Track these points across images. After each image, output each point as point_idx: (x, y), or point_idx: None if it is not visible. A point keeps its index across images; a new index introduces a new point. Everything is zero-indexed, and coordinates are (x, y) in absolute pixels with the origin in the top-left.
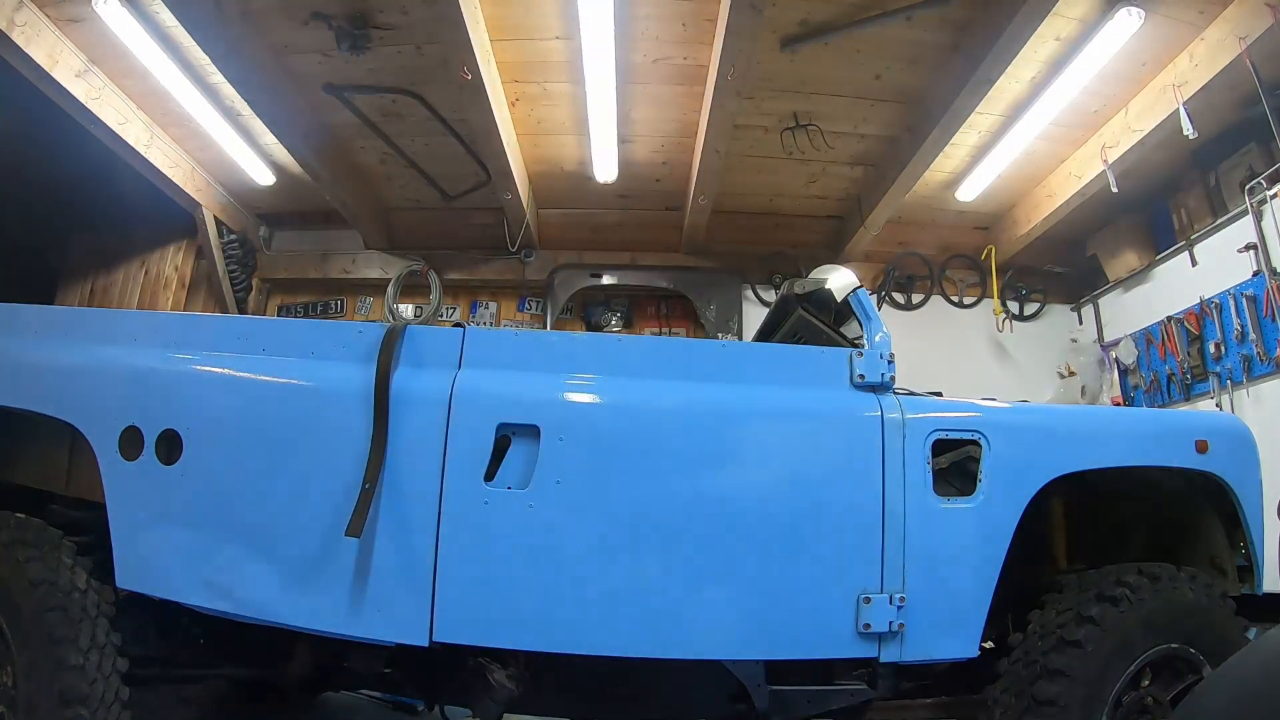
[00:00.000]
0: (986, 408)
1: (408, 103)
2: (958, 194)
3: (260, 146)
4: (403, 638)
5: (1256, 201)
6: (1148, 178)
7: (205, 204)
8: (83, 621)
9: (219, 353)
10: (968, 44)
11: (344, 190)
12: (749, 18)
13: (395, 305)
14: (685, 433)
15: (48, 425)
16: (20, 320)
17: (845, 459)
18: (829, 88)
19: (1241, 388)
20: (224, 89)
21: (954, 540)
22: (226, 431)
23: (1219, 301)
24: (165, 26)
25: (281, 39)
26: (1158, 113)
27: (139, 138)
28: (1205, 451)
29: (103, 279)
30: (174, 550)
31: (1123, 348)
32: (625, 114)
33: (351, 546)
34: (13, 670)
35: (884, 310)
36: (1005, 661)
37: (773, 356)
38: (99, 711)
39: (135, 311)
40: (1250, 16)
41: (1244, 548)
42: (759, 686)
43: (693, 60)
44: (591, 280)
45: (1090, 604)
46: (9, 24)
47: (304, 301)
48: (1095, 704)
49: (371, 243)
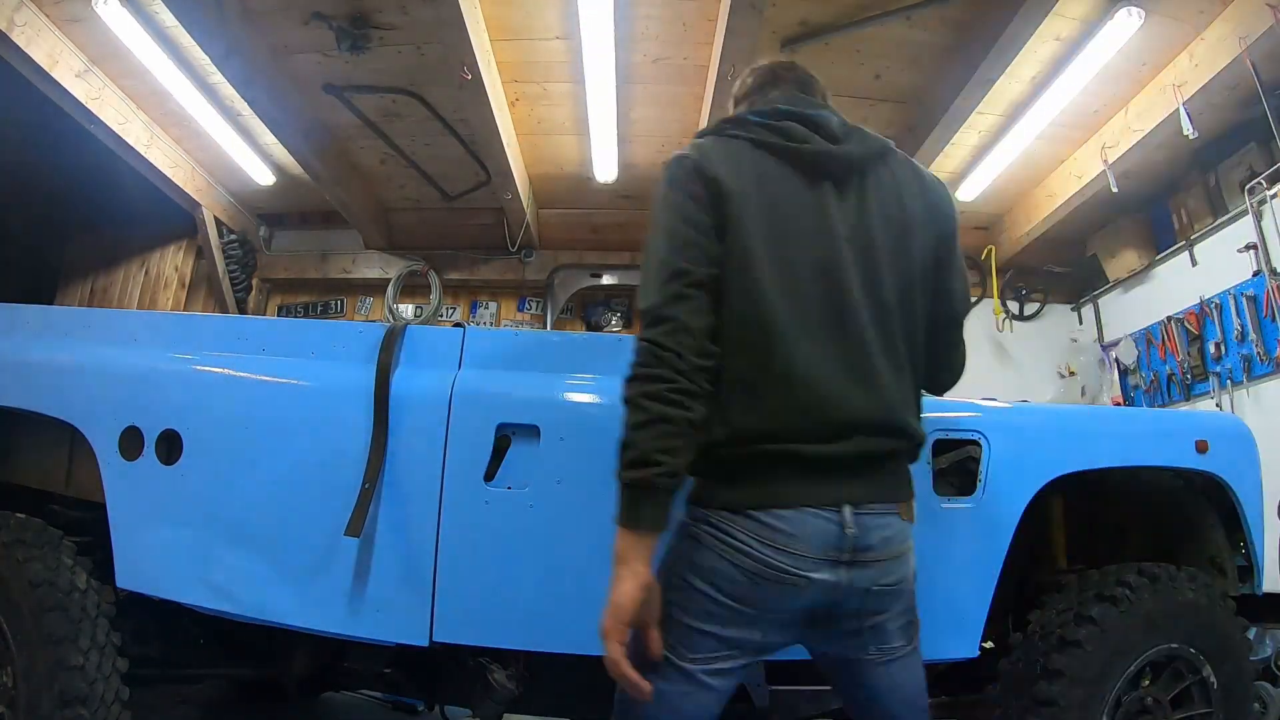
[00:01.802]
0: (987, 408)
1: (408, 103)
2: (958, 194)
3: (260, 146)
4: (403, 638)
5: (1256, 201)
6: (1148, 178)
7: (205, 204)
8: (83, 621)
9: (219, 353)
10: (968, 44)
11: (344, 190)
12: (749, 18)
13: (395, 305)
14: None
15: (48, 425)
16: (20, 320)
17: None
18: (829, 87)
19: (1241, 388)
20: (224, 89)
21: (954, 540)
22: (226, 431)
23: (1219, 301)
24: (165, 26)
25: (281, 39)
26: (1158, 113)
27: (139, 138)
28: (1205, 451)
29: (103, 279)
30: (174, 550)
31: (1123, 348)
32: (625, 114)
33: (351, 546)
34: (13, 670)
35: None
36: (1005, 661)
37: None
38: (99, 711)
39: (135, 311)
40: (1250, 16)
41: (1244, 548)
42: (759, 686)
43: (693, 60)
44: (591, 280)
45: (1090, 604)
46: (9, 24)
47: (304, 301)
48: (1095, 704)
49: (371, 243)
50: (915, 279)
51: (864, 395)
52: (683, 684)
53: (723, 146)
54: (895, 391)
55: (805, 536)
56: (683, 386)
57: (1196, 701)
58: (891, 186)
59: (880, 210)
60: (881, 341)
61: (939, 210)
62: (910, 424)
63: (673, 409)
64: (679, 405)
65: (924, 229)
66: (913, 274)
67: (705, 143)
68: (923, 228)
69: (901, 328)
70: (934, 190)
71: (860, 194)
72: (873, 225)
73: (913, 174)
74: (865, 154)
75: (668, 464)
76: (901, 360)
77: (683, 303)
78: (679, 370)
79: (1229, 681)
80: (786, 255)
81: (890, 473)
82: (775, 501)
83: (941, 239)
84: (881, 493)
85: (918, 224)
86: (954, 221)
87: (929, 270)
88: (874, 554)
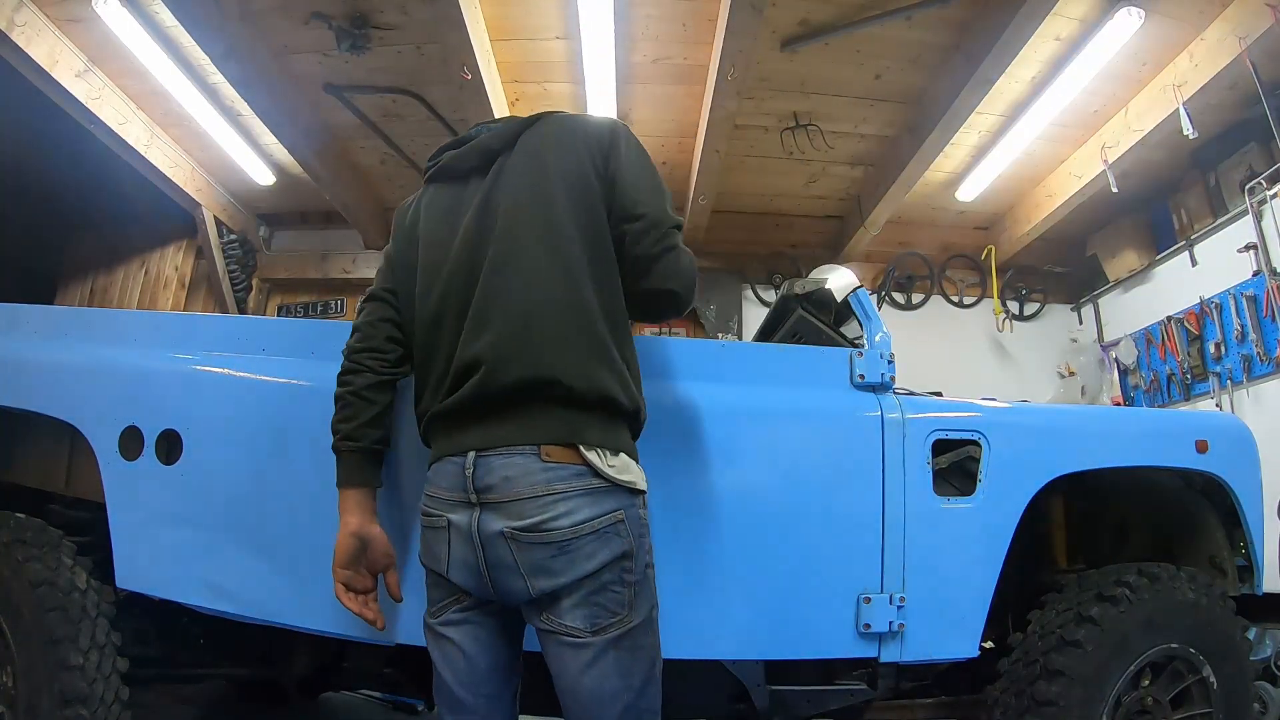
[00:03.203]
0: (986, 408)
1: (408, 103)
2: (958, 194)
3: (260, 146)
4: (403, 638)
5: (1256, 201)
6: (1148, 178)
7: (205, 204)
8: (83, 621)
9: (219, 353)
10: (968, 44)
11: (344, 190)
12: (749, 18)
13: None
14: (684, 432)
15: (48, 425)
16: (20, 320)
17: (845, 459)
18: (829, 88)
19: (1241, 388)
20: (224, 89)
21: (954, 540)
22: (226, 431)
23: (1219, 301)
24: (165, 26)
25: (281, 39)
26: (1158, 113)
27: (139, 138)
28: (1205, 451)
29: (103, 279)
30: (174, 550)
31: (1123, 348)
32: (625, 114)
33: None
34: (13, 670)
35: (884, 310)
36: (1005, 661)
37: (773, 356)
38: (99, 711)
39: (135, 311)
40: (1250, 16)
41: (1244, 548)
42: (759, 686)
43: (693, 60)
44: None
45: (1090, 604)
46: (9, 24)
47: (304, 301)
48: (1095, 704)
49: (371, 243)
50: (562, 219)
51: (463, 351)
52: (432, 641)
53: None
54: (512, 336)
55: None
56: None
57: (1196, 701)
58: (531, 151)
59: (511, 176)
60: (497, 294)
61: (584, 145)
62: (532, 363)
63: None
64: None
65: (566, 172)
66: (556, 217)
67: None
68: (563, 172)
69: (547, 276)
70: (582, 130)
71: (498, 172)
72: (498, 191)
73: (558, 128)
74: (500, 135)
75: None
76: (537, 302)
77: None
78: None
79: (1229, 681)
80: (430, 256)
81: (519, 416)
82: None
83: (594, 169)
84: (507, 436)
85: (554, 171)
86: (604, 144)
87: (588, 204)
88: (495, 494)
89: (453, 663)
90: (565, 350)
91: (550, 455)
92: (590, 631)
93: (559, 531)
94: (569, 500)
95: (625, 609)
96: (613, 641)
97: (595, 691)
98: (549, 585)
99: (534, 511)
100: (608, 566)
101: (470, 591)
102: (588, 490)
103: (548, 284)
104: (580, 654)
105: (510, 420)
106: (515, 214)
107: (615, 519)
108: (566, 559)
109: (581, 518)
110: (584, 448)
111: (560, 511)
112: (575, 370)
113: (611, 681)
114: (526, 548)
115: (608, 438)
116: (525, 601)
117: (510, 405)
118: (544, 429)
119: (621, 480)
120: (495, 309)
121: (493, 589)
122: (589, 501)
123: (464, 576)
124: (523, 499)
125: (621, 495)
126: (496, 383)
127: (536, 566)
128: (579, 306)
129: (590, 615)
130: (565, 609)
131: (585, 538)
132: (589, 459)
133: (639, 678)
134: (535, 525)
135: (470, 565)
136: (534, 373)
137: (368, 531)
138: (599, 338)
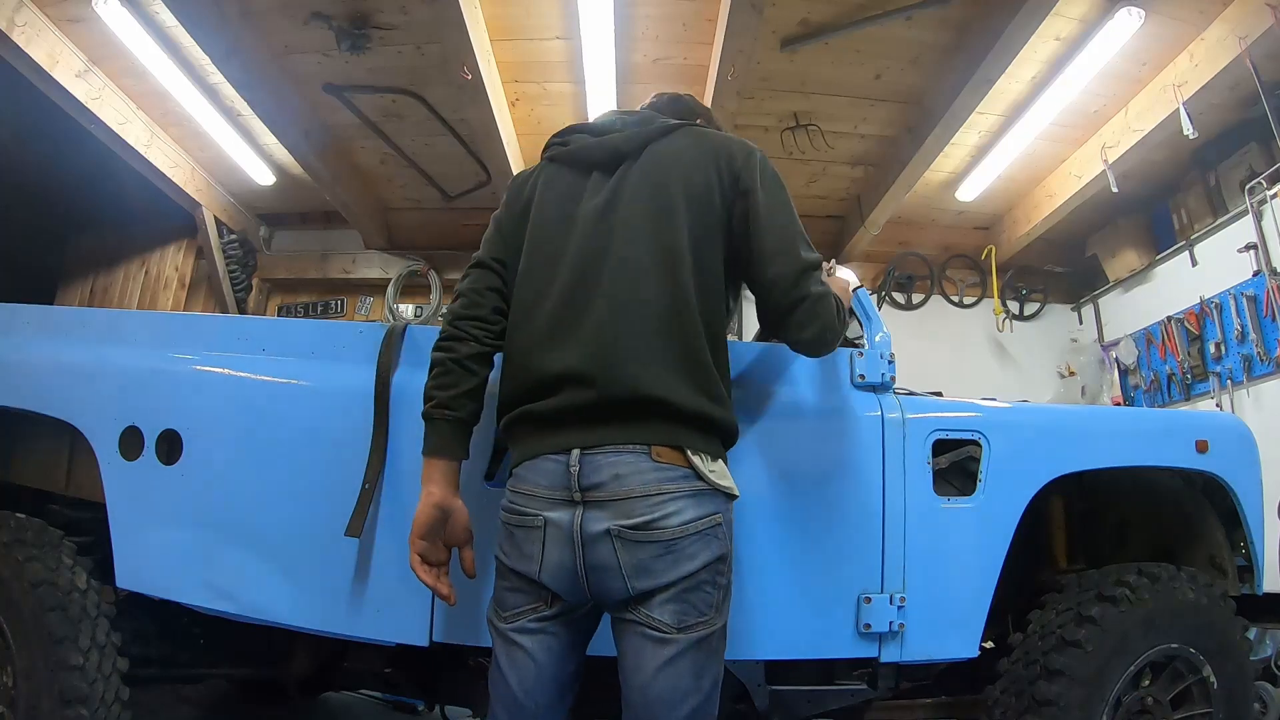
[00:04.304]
0: (986, 408)
1: (408, 103)
2: (958, 194)
3: (260, 146)
4: (403, 638)
5: (1256, 201)
6: (1148, 178)
7: (205, 204)
8: (83, 621)
9: (219, 353)
10: (968, 44)
11: (344, 190)
12: (749, 18)
13: (395, 305)
14: None
15: (48, 425)
16: (20, 320)
17: (845, 459)
18: (829, 88)
19: (1241, 388)
20: (224, 89)
21: (954, 540)
22: (226, 431)
23: (1219, 301)
24: (165, 26)
25: (281, 39)
26: (1158, 113)
27: (139, 138)
28: (1205, 451)
29: (103, 279)
30: (174, 550)
31: (1123, 348)
32: None
33: (351, 546)
34: (13, 670)
35: (884, 310)
36: (1005, 661)
37: (773, 356)
38: (99, 711)
39: (135, 311)
40: (1250, 16)
41: (1244, 548)
42: (759, 686)
43: (693, 60)
44: None
45: (1090, 604)
46: (9, 24)
47: (304, 301)
48: (1095, 704)
49: (371, 243)
50: (679, 241)
51: (563, 355)
52: (500, 643)
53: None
54: (614, 348)
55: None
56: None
57: (1196, 701)
58: (658, 163)
59: (634, 188)
60: (606, 305)
61: (714, 164)
62: (635, 378)
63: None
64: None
65: (692, 195)
66: (674, 241)
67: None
68: (689, 194)
69: (656, 290)
70: (712, 149)
71: (621, 178)
72: (619, 200)
73: (693, 145)
74: (631, 140)
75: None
76: (642, 319)
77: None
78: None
79: (1229, 681)
80: (537, 241)
81: (625, 422)
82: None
83: (719, 194)
84: (615, 435)
85: (678, 190)
86: (736, 167)
87: (713, 234)
88: (603, 492)
89: (521, 669)
90: (667, 374)
91: (660, 455)
92: (677, 629)
93: (667, 530)
94: (677, 500)
95: (713, 610)
96: (696, 641)
97: (669, 689)
98: (648, 585)
99: (644, 510)
100: (706, 568)
101: (560, 594)
102: (694, 492)
103: (658, 302)
104: (661, 650)
105: (615, 423)
106: (632, 228)
107: (715, 521)
108: (670, 559)
109: (688, 517)
110: (690, 451)
111: (670, 511)
112: (678, 393)
113: (685, 681)
114: (632, 546)
115: (708, 445)
116: (618, 600)
117: (616, 415)
118: (652, 432)
119: (721, 485)
120: (602, 322)
121: (588, 590)
122: (694, 503)
123: (558, 577)
124: (633, 497)
125: (720, 499)
126: (599, 396)
127: (639, 567)
128: (684, 329)
129: (680, 612)
130: (656, 603)
131: (690, 538)
132: (694, 462)
133: (709, 681)
134: (645, 524)
135: (566, 566)
136: (637, 392)
137: (451, 504)
138: (702, 362)
